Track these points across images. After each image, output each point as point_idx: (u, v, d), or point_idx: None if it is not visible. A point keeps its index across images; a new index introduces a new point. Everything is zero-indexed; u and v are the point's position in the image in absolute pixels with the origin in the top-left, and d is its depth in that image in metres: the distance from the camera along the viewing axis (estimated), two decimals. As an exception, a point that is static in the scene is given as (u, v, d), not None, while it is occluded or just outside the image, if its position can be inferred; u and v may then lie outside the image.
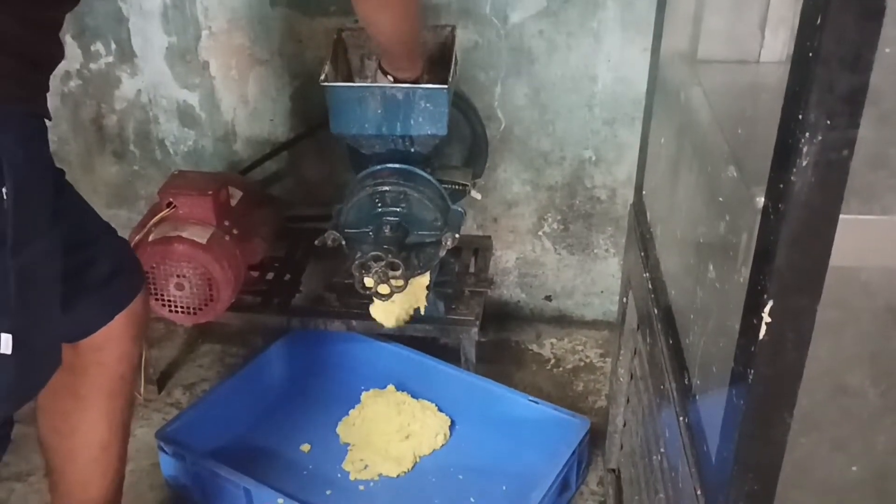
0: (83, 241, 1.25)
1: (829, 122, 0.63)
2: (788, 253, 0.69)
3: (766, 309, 0.71)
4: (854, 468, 0.79)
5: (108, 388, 1.35)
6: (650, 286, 1.29)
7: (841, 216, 0.68)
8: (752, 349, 0.73)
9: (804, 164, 0.65)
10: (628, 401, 1.56)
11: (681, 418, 1.02)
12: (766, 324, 0.71)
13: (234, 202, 1.87)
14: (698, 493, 0.92)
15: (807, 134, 0.64)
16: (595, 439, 1.80)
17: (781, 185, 0.68)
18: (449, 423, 1.88)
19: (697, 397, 0.98)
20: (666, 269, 1.24)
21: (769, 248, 0.70)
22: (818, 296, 0.70)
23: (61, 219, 1.10)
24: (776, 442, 0.77)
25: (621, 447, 1.64)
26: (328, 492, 1.74)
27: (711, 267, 0.94)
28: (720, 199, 0.92)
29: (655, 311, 1.23)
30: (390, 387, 1.95)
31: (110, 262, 1.31)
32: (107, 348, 1.32)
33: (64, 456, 1.37)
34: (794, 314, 0.71)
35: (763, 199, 0.72)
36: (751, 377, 0.74)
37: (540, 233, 2.18)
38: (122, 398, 1.38)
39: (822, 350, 0.73)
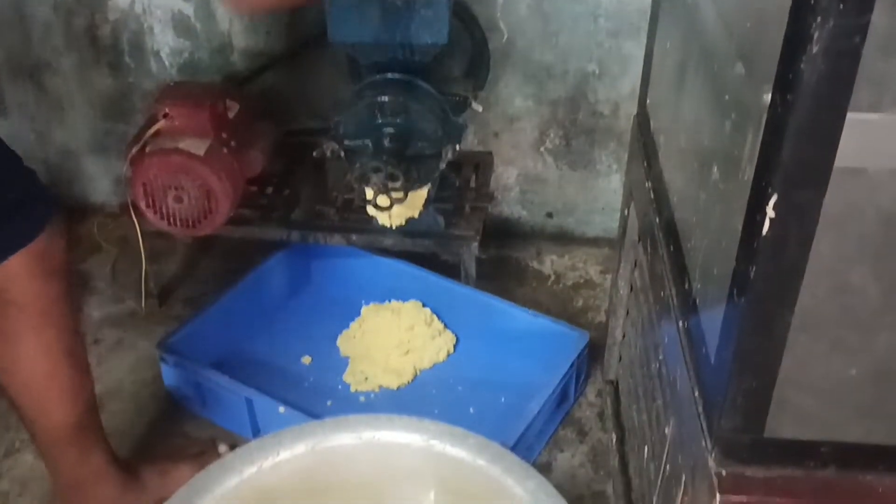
0: None
1: (841, 6, 0.61)
2: (795, 145, 0.67)
3: (771, 204, 0.69)
4: (853, 369, 0.79)
5: (32, 324, 1.29)
6: (652, 196, 1.27)
7: (849, 115, 0.67)
8: (755, 245, 0.72)
9: (814, 51, 0.63)
10: (627, 313, 1.57)
11: (680, 323, 1.02)
12: (770, 219, 0.70)
13: (231, 114, 1.84)
14: (696, 394, 0.92)
15: (818, 19, 0.62)
16: (594, 353, 1.81)
17: (790, 75, 0.66)
18: (454, 341, 1.89)
19: (698, 302, 0.98)
20: (669, 178, 1.22)
21: (775, 142, 0.69)
22: (824, 190, 0.69)
23: None
24: (776, 340, 0.76)
25: (620, 359, 1.65)
26: (329, 402, 1.75)
27: (715, 169, 0.92)
28: (726, 97, 0.90)
29: (657, 221, 1.22)
30: (394, 301, 1.96)
31: (10, 195, 1.21)
32: (11, 289, 1.25)
33: (15, 390, 1.34)
34: (799, 209, 0.70)
35: (770, 94, 0.70)
36: (752, 275, 0.73)
37: (542, 148, 2.15)
38: (53, 329, 1.32)
39: (824, 247, 0.72)
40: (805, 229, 0.70)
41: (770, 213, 0.70)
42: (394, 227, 1.79)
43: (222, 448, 1.66)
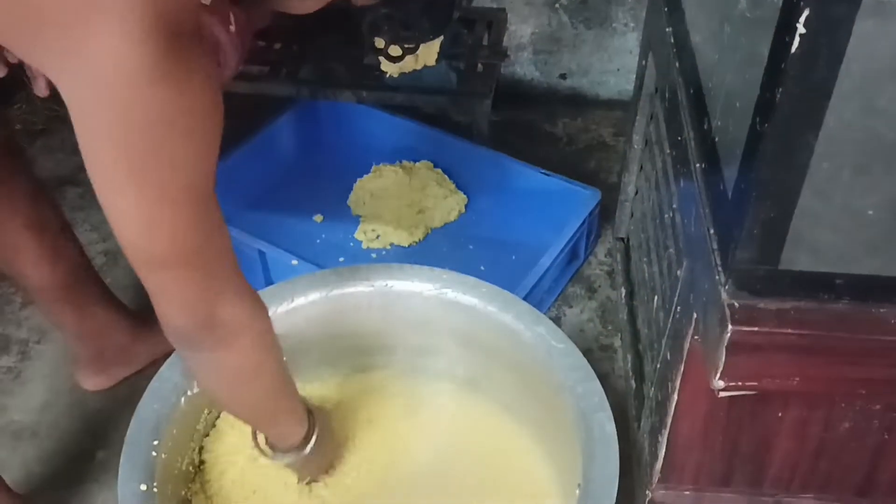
0: None
1: None
2: (831, -45, 0.64)
3: (802, 19, 0.67)
4: (875, 197, 0.78)
5: None
6: (673, 41, 1.23)
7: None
8: (783, 66, 0.70)
9: None
10: (641, 168, 1.55)
11: (697, 165, 1.01)
12: (801, 35, 0.67)
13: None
14: (711, 232, 0.92)
15: None
16: (605, 214, 1.80)
17: None
18: (465, 202, 1.88)
19: (716, 140, 0.96)
20: (691, 19, 1.18)
21: (810, -48, 0.66)
22: (857, 3, 0.66)
23: None
24: (797, 167, 0.75)
25: (632, 215, 1.64)
26: (341, 259, 1.77)
27: (742, -1, 0.89)
28: (758, -82, 0.86)
29: (677, 65, 1.18)
30: (405, 161, 1.94)
31: None
32: None
33: None
34: (830, 24, 0.67)
35: None
36: (778, 97, 0.71)
37: (556, 5, 2.08)
38: (3, 206, 1.31)
39: (854, 66, 0.69)
40: (836, 46, 0.68)
41: (801, 29, 0.67)
42: (397, 74, 1.74)
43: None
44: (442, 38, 1.68)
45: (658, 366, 1.17)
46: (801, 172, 0.75)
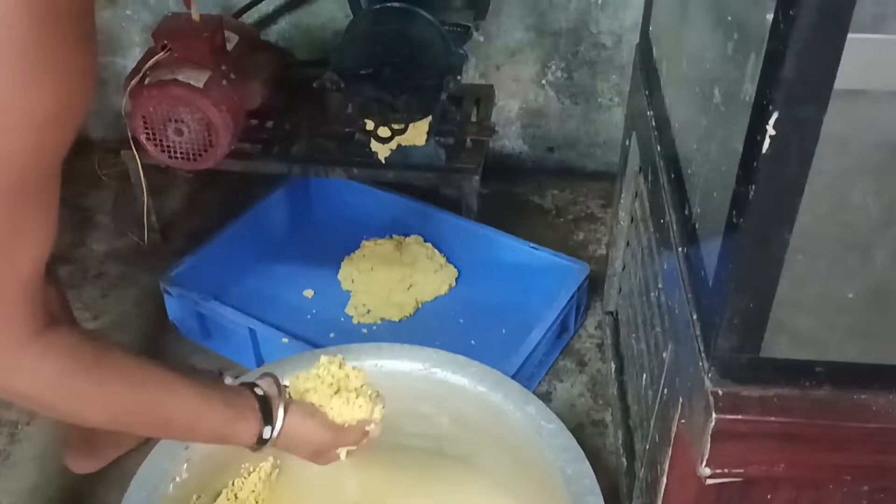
0: None
1: (847, -85, 0.60)
2: (796, 62, 0.67)
3: (771, 121, 0.69)
4: (851, 288, 0.80)
5: None
6: (654, 125, 1.27)
7: (849, 35, 0.66)
8: (755, 164, 0.72)
9: (818, -37, 0.62)
10: (628, 244, 1.57)
11: (680, 250, 1.03)
12: (770, 137, 0.70)
13: (230, 46, 1.82)
14: (694, 317, 0.93)
15: (823, -71, 0.61)
16: (594, 286, 1.82)
17: (793, -10, 0.65)
18: (456, 276, 1.90)
19: (697, 227, 0.98)
20: (670, 106, 1.21)
21: (777, 58, 0.68)
22: (824, 108, 0.69)
23: None
24: (774, 259, 0.77)
25: (619, 290, 1.66)
26: (331, 334, 1.77)
27: (717, 92, 0.92)
28: (729, 18, 0.89)
29: (658, 149, 1.21)
30: (395, 236, 1.96)
31: None
32: None
33: None
34: (799, 126, 0.69)
35: (774, 11, 0.70)
36: (752, 193, 0.74)
37: (543, 81, 2.13)
38: None
39: (824, 167, 0.72)
40: (805, 148, 0.70)
41: (770, 130, 0.70)
42: (385, 156, 1.77)
43: (228, 379, 1.67)
44: (430, 117, 1.71)
45: (647, 446, 1.17)
46: (777, 264, 0.77)
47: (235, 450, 1.15)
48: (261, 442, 0.98)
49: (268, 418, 0.98)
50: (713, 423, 0.84)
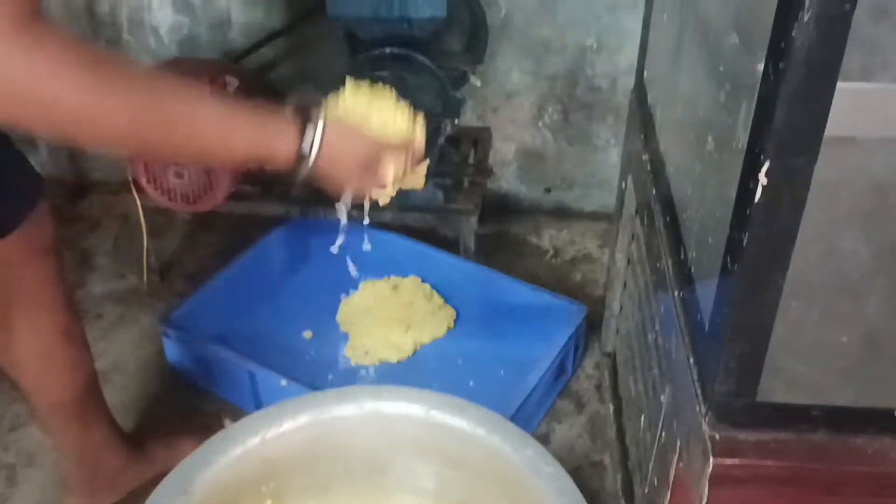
0: None
1: (832, -27, 0.62)
2: (786, 113, 0.69)
3: (763, 171, 0.71)
4: (844, 333, 0.81)
5: (25, 307, 1.29)
6: (649, 168, 1.29)
7: (839, 84, 0.68)
8: (748, 212, 0.74)
9: (806, 18, 0.64)
10: (625, 285, 1.58)
11: (676, 293, 1.04)
12: (763, 186, 0.71)
13: (230, 90, 1.85)
14: (691, 361, 0.94)
15: (810, -13, 0.63)
16: (592, 327, 1.83)
17: (782, 44, 0.67)
18: (454, 317, 1.91)
19: (693, 271, 1.00)
20: (665, 151, 1.23)
21: (768, 110, 0.70)
22: (815, 157, 0.70)
23: None
24: (768, 305, 0.78)
25: (617, 331, 1.67)
26: (330, 376, 1.77)
27: (710, 139, 0.93)
28: (721, 68, 0.91)
29: (654, 193, 1.23)
30: (393, 277, 1.97)
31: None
32: (2, 271, 1.24)
33: (13, 370, 1.36)
34: (790, 176, 0.71)
35: (764, 63, 0.71)
36: (745, 241, 0.75)
37: (540, 123, 2.16)
38: (48, 312, 1.32)
39: (816, 214, 0.73)
40: (796, 196, 0.72)
41: (763, 179, 0.71)
42: (381, 205, 1.79)
43: (227, 422, 1.68)
44: (429, 161, 1.72)
45: (646, 489, 1.17)
46: (772, 310, 0.78)
47: (236, 491, 1.16)
48: (300, 160, 0.86)
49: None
50: (711, 468, 0.85)
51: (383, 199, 1.78)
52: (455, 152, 2.03)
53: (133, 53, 2.18)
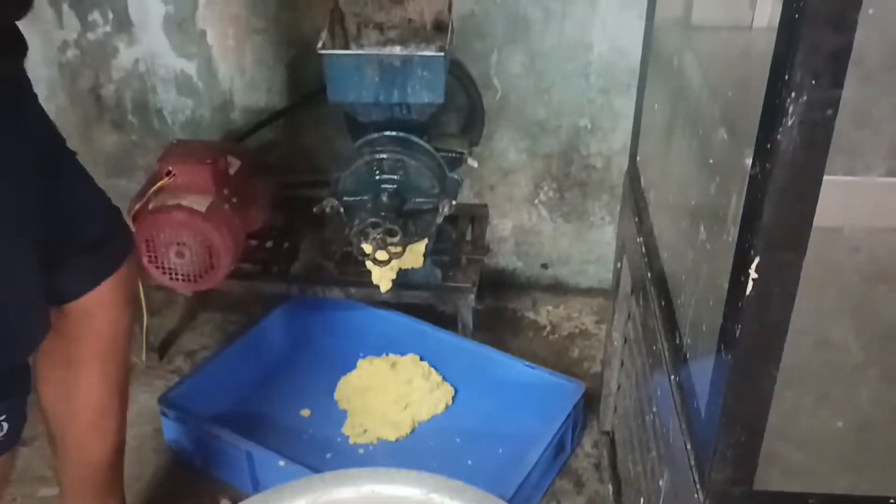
0: (73, 204, 1.25)
1: (813, 81, 0.65)
2: (775, 211, 0.71)
3: (753, 265, 0.73)
4: (838, 422, 0.82)
5: (101, 353, 1.36)
6: (644, 251, 1.31)
7: (825, 177, 0.71)
8: (740, 305, 0.76)
9: (790, 123, 0.67)
10: (622, 364, 1.59)
11: (672, 377, 1.05)
12: (753, 280, 0.73)
13: (232, 171, 1.88)
14: (688, 447, 0.95)
15: (793, 93, 0.66)
16: (590, 403, 1.83)
17: (768, 145, 0.70)
18: (452, 394, 1.91)
19: (688, 356, 1.01)
20: (659, 234, 1.26)
21: (756, 207, 0.72)
22: (803, 252, 0.72)
23: (52, 183, 1.10)
24: (762, 395, 0.79)
25: (615, 410, 1.67)
26: (328, 455, 1.77)
27: (702, 229, 0.96)
28: (711, 161, 0.94)
29: (649, 276, 1.25)
30: (392, 355, 1.98)
31: (100, 228, 1.31)
32: (96, 314, 1.32)
33: (62, 421, 1.38)
34: (780, 270, 0.73)
35: (751, 162, 0.74)
36: (738, 332, 0.76)
37: (536, 201, 2.19)
38: (117, 363, 1.39)
39: (807, 305, 0.75)
40: (787, 289, 0.73)
41: (753, 274, 0.73)
42: (383, 291, 1.83)
43: (224, 503, 1.67)
44: (427, 240, 1.76)
45: (647, 574, 1.16)
46: (766, 399, 0.79)
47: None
48: None
49: None
50: (710, 558, 0.85)
51: (384, 285, 1.82)
52: (452, 229, 2.06)
53: (137, 135, 2.22)
